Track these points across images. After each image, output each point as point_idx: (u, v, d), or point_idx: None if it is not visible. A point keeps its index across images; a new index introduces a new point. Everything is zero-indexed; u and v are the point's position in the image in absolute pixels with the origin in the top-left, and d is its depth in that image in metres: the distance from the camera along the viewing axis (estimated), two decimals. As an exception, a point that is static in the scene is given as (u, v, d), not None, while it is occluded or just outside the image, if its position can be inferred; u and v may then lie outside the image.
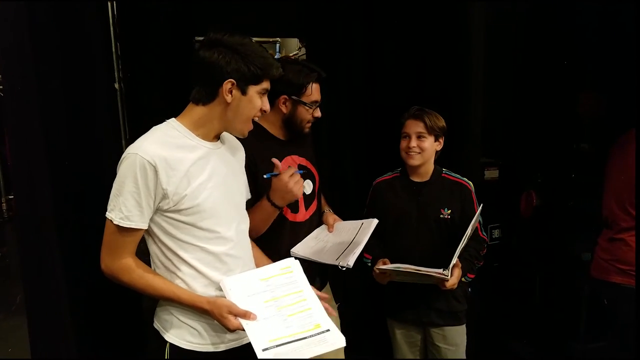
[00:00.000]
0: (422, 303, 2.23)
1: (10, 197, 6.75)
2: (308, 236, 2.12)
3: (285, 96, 1.98)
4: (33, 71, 1.68)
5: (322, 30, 2.70)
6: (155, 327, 1.60)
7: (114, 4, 2.42)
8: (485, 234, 2.29)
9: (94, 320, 2.01)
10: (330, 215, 2.24)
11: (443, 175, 2.25)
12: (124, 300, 1.56)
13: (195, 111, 1.55)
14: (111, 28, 2.44)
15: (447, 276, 1.95)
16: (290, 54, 4.77)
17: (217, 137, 1.62)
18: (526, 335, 2.79)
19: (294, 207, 2.06)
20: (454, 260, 1.97)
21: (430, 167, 2.24)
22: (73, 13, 1.93)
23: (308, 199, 2.12)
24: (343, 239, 2.08)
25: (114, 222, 1.44)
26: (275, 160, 1.89)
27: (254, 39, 1.63)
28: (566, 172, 3.00)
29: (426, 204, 2.21)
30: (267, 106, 1.59)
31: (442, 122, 2.19)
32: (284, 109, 2.00)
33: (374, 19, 2.66)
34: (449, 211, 2.19)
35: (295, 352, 1.40)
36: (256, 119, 1.60)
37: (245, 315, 1.44)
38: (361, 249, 1.97)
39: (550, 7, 2.61)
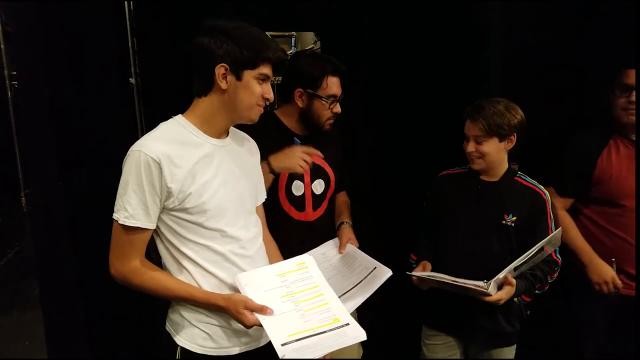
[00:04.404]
0: (466, 317, 1.99)
1: (28, 191, 6.84)
2: (315, 249, 2.02)
3: (301, 89, 1.93)
4: (47, 67, 1.68)
5: (337, 24, 2.67)
6: (167, 329, 1.57)
7: (130, -1, 2.42)
8: (559, 256, 2.00)
9: (107, 316, 2.02)
10: (346, 233, 2.09)
11: (516, 178, 1.99)
12: (137, 295, 1.55)
13: (198, 105, 1.51)
14: (127, 23, 2.43)
15: (487, 289, 1.72)
16: (306, 48, 4.75)
17: (226, 133, 1.58)
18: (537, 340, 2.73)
19: (299, 205, 2.01)
20: (501, 274, 1.75)
21: (501, 167, 1.98)
22: (88, 8, 1.93)
23: (318, 199, 2.06)
24: (347, 279, 1.92)
25: (119, 222, 1.42)
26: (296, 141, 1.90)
27: (269, 33, 1.60)
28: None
29: (488, 206, 1.97)
30: (269, 94, 1.51)
31: (508, 119, 1.87)
32: (300, 103, 1.96)
33: (389, 13, 2.62)
34: (514, 218, 1.93)
35: (314, 346, 1.36)
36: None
37: (262, 310, 1.40)
38: (360, 302, 1.79)
39: (573, 2, 2.55)
